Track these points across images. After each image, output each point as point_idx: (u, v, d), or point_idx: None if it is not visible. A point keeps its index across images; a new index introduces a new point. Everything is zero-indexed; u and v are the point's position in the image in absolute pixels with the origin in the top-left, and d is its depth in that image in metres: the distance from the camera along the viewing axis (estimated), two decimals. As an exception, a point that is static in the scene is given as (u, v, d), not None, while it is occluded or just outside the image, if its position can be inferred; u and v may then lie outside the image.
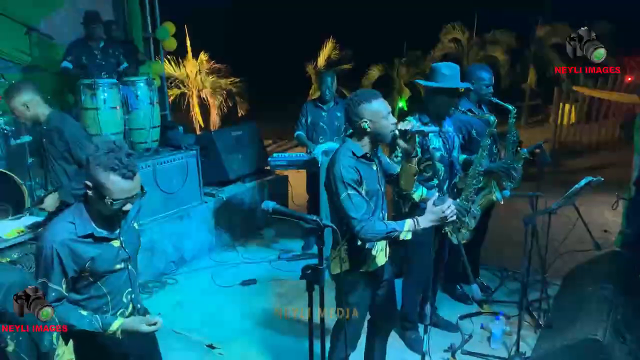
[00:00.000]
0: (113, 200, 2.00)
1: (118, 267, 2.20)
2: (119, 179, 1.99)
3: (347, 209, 2.50)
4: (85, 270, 2.09)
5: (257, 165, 6.16)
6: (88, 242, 2.09)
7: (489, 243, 4.75)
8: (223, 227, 5.62)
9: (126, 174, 2.00)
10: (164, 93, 7.09)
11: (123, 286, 2.24)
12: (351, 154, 2.59)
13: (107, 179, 1.98)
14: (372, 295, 2.86)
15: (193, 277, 4.99)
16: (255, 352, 3.78)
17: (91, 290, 2.15)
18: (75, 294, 2.14)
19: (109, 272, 2.16)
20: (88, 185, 2.03)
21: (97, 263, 2.10)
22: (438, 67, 3.37)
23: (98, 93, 5.01)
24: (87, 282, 2.13)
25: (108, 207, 2.02)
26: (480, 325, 4.01)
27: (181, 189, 5.21)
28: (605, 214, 6.22)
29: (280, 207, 1.87)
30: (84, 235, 2.08)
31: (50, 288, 2.02)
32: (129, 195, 2.05)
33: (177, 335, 4.00)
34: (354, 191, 2.51)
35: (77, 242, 2.06)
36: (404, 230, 2.51)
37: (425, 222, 2.52)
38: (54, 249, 2.02)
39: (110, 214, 2.09)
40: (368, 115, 2.55)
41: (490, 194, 3.70)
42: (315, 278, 1.78)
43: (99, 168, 1.98)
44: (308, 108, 5.33)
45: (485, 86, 3.97)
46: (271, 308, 4.33)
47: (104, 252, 2.13)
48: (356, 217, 2.48)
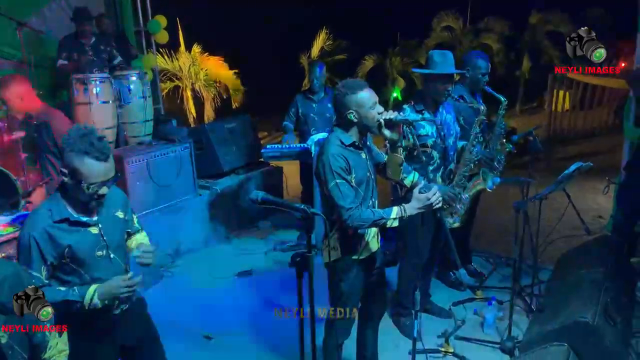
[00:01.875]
0: (89, 184, 2.04)
1: (99, 253, 2.22)
2: (93, 162, 2.03)
3: (335, 197, 2.54)
4: (64, 257, 2.12)
5: (252, 157, 6.17)
6: (64, 227, 2.12)
7: (481, 230, 4.80)
8: (218, 220, 5.64)
9: (100, 156, 2.03)
10: (156, 86, 7.08)
11: (107, 274, 2.22)
12: (339, 142, 2.62)
13: (81, 163, 2.02)
14: (364, 282, 2.90)
15: (189, 269, 5.01)
16: (251, 342, 3.82)
17: (75, 279, 2.18)
18: (60, 283, 2.17)
19: (89, 259, 2.18)
20: (64, 172, 2.07)
21: (75, 249, 2.13)
22: (431, 54, 3.44)
23: (90, 88, 5.02)
24: (69, 269, 2.16)
25: (85, 191, 2.06)
26: (473, 311, 4.06)
27: (175, 182, 5.22)
28: (597, 199, 6.27)
29: (269, 197, 1.89)
30: (60, 220, 2.12)
31: (31, 275, 2.04)
32: (105, 178, 2.08)
33: (173, 326, 4.03)
34: (342, 180, 2.54)
35: (54, 228, 2.10)
36: (390, 217, 2.57)
37: (411, 209, 2.57)
38: (31, 236, 2.06)
39: (87, 199, 2.12)
40: (354, 106, 2.58)
41: (481, 182, 3.73)
42: (305, 265, 1.81)
43: (72, 153, 2.02)
44: (298, 100, 5.34)
45: (482, 74, 3.99)
46: (267, 299, 4.37)
47: (82, 238, 2.16)
48: (344, 206, 2.53)
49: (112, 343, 2.39)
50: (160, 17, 6.96)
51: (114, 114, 5.22)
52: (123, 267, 2.35)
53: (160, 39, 7.14)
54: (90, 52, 5.35)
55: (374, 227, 2.70)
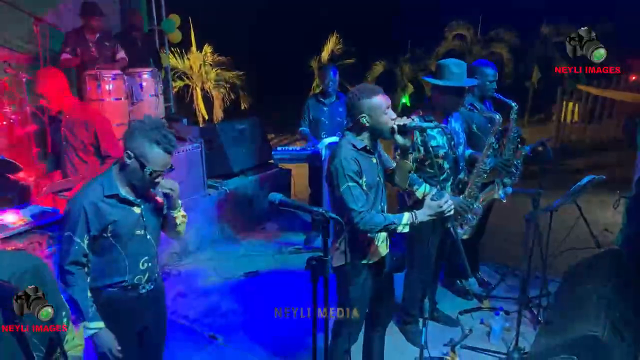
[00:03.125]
0: (153, 171, 2.23)
1: (138, 232, 2.39)
2: (161, 152, 2.24)
3: (347, 200, 2.55)
4: (107, 230, 2.30)
5: (261, 158, 6.17)
6: (112, 203, 2.31)
7: (490, 240, 4.78)
8: (226, 220, 5.65)
9: (168, 148, 2.25)
10: (168, 85, 7.12)
11: (140, 253, 2.42)
12: (352, 146, 2.63)
13: (151, 151, 2.22)
14: (372, 287, 2.90)
15: (196, 268, 5.03)
16: (256, 343, 3.82)
17: (112, 253, 2.35)
18: (95, 255, 2.34)
19: (128, 236, 2.35)
20: (129, 155, 2.25)
21: (118, 225, 2.32)
22: (447, 64, 3.34)
23: (103, 84, 5.04)
24: (107, 242, 2.33)
25: (145, 176, 2.24)
26: (480, 321, 4.05)
27: (185, 181, 5.23)
28: (607, 213, 6.24)
29: (287, 199, 1.90)
30: (109, 195, 2.30)
31: (74, 241, 2.26)
32: (165, 168, 2.29)
33: (179, 325, 4.04)
34: (354, 183, 2.56)
35: (103, 202, 2.29)
36: (402, 223, 2.59)
37: (422, 216, 2.60)
38: (82, 206, 2.26)
39: (145, 183, 2.30)
40: (367, 110, 2.60)
41: (493, 192, 3.72)
42: (320, 269, 1.81)
43: (144, 140, 2.22)
44: (310, 104, 5.34)
45: (489, 82, 4.00)
46: (273, 299, 4.37)
47: (125, 216, 2.34)
48: (356, 209, 2.55)
49: (137, 322, 2.54)
50: (174, 17, 6.99)
51: (125, 111, 5.24)
52: (156, 248, 2.53)
53: (174, 38, 7.18)
54: (93, 48, 5.37)
55: (384, 232, 2.71)
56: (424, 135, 3.29)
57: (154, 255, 2.53)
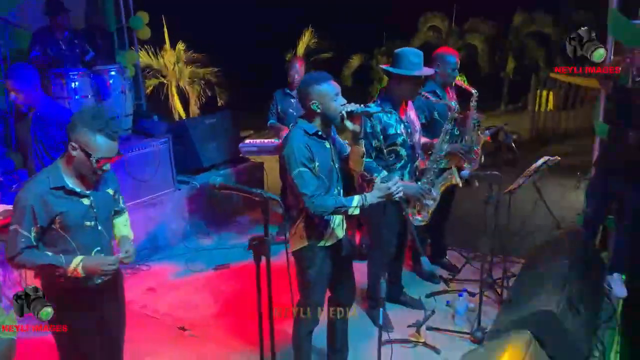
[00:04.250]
0: (98, 159, 2.24)
1: (87, 224, 2.40)
2: (105, 139, 2.25)
3: (298, 185, 2.61)
4: (55, 222, 2.31)
5: (232, 153, 6.18)
6: (59, 195, 2.31)
7: (457, 225, 4.86)
8: (197, 215, 5.66)
9: (112, 135, 2.27)
10: (139, 82, 7.06)
11: (92, 244, 2.43)
12: (303, 132, 2.69)
13: (95, 139, 2.24)
14: (331, 271, 2.95)
15: (166, 263, 5.03)
16: (225, 334, 3.85)
17: (61, 244, 2.35)
18: (46, 247, 2.35)
19: (78, 227, 2.36)
20: (74, 147, 2.26)
21: (66, 216, 2.32)
22: (405, 53, 3.40)
23: (68, 82, 5.01)
24: (57, 234, 2.35)
25: (92, 165, 2.26)
26: (446, 303, 4.12)
27: (154, 177, 5.24)
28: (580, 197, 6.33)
29: (227, 183, 1.93)
30: (56, 187, 2.31)
31: (20, 234, 2.27)
32: (111, 155, 2.30)
33: (149, 318, 4.06)
34: (305, 168, 2.61)
35: (50, 194, 2.29)
36: (352, 205, 2.65)
37: (372, 198, 2.65)
38: (28, 199, 2.27)
39: (92, 172, 2.31)
40: (317, 97, 2.65)
41: (451, 177, 3.78)
42: (262, 249, 1.85)
43: (86, 129, 2.23)
44: (277, 96, 5.36)
45: (451, 69, 4.07)
46: (242, 292, 4.39)
47: (73, 207, 2.35)
48: (306, 193, 2.60)
49: (94, 312, 2.53)
50: (142, 14, 6.93)
51: (92, 109, 5.20)
52: (108, 239, 2.54)
53: (143, 35, 7.11)
54: (63, 46, 5.33)
55: (337, 215, 2.76)
56: (382, 123, 3.36)
57: (107, 246, 2.53)
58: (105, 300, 2.59)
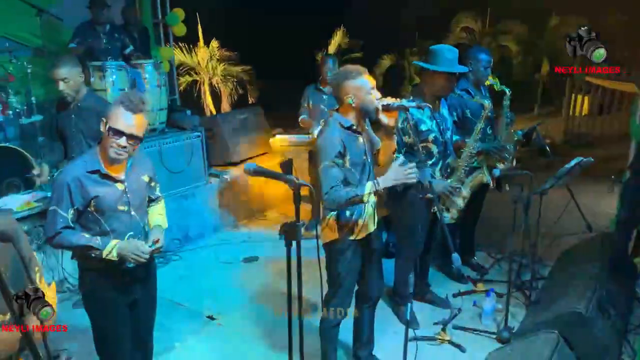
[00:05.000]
0: (113, 129, 2.29)
1: (121, 208, 2.47)
2: (123, 110, 2.30)
3: (322, 179, 2.64)
4: (90, 205, 2.40)
5: (262, 148, 6.26)
6: (94, 178, 2.40)
7: (486, 226, 4.82)
8: (227, 208, 5.76)
9: (130, 106, 2.30)
10: (173, 78, 7.21)
11: (125, 229, 2.49)
12: (339, 125, 2.72)
13: (114, 110, 2.32)
14: (361, 264, 2.97)
15: (197, 253, 5.15)
16: (252, 324, 3.91)
17: (97, 227, 2.44)
18: (83, 229, 2.44)
19: (112, 211, 2.44)
20: (104, 122, 2.34)
21: (100, 200, 2.40)
22: (440, 50, 3.42)
23: (107, 75, 5.16)
24: (93, 217, 2.43)
25: (108, 136, 2.30)
26: (473, 303, 4.10)
27: (186, 169, 5.35)
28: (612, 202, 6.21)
29: (261, 168, 1.98)
30: (92, 171, 2.39)
31: (59, 214, 2.36)
32: (128, 130, 2.31)
33: (179, 307, 4.15)
34: (332, 164, 2.64)
35: (86, 177, 2.38)
36: (365, 192, 2.63)
37: (385, 182, 2.63)
38: (65, 181, 2.36)
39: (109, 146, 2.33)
40: (352, 90, 2.67)
41: (481, 176, 3.77)
42: (292, 234, 1.89)
43: (112, 105, 2.35)
44: (309, 92, 5.41)
45: (484, 68, 4.05)
46: (270, 284, 4.46)
47: (108, 191, 2.42)
48: (324, 190, 2.62)
49: (126, 294, 2.61)
50: (179, 10, 7.08)
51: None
52: (142, 225, 2.59)
53: (178, 31, 7.26)
54: (104, 40, 5.49)
55: (352, 205, 2.73)
56: (414, 119, 3.36)
57: (141, 231, 2.58)
58: (137, 285, 2.66)
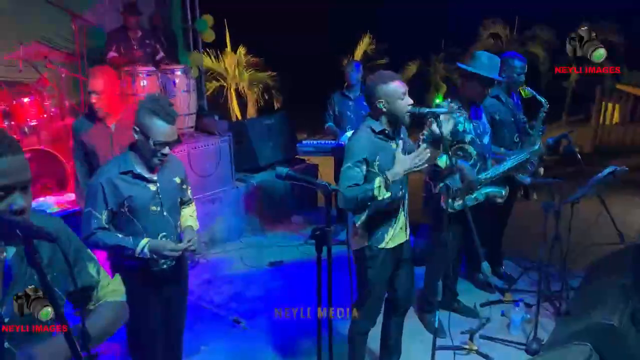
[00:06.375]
0: (155, 141, 2.36)
1: (153, 209, 2.53)
2: (160, 122, 2.37)
3: (340, 179, 2.67)
4: (123, 205, 2.46)
5: (288, 153, 6.27)
6: (127, 179, 2.46)
7: (514, 235, 4.76)
8: (253, 212, 5.79)
9: (167, 118, 2.38)
10: (201, 83, 7.30)
11: (158, 229, 2.55)
12: (370, 130, 2.72)
13: (151, 122, 2.36)
14: (391, 273, 2.96)
15: (223, 257, 5.18)
16: (278, 329, 3.92)
17: (130, 227, 2.50)
18: (117, 230, 2.50)
19: (144, 211, 2.50)
20: (136, 130, 2.39)
21: (133, 200, 2.47)
22: (480, 54, 3.45)
23: (138, 80, 5.25)
24: (126, 218, 2.50)
25: (150, 147, 2.38)
26: (501, 313, 4.05)
27: (214, 173, 5.40)
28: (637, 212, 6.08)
29: (293, 173, 1.99)
30: (125, 172, 2.46)
31: (93, 215, 2.43)
32: (168, 138, 2.41)
33: (205, 310, 4.19)
34: (354, 167, 2.65)
35: (119, 178, 2.45)
36: (374, 187, 2.60)
37: (393, 174, 2.61)
38: (100, 183, 2.44)
39: (151, 155, 2.42)
40: (384, 96, 2.68)
41: (497, 195, 3.63)
42: (324, 239, 1.90)
43: (144, 111, 2.38)
44: (335, 98, 5.42)
45: (517, 74, 4.02)
46: (296, 288, 4.47)
47: (140, 191, 2.49)
48: (341, 188, 2.63)
49: (158, 294, 2.67)
50: (208, 17, 7.17)
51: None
52: (174, 226, 2.65)
53: (207, 37, 7.35)
54: (135, 46, 5.60)
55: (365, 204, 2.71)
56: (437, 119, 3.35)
57: (173, 232, 2.63)
58: (170, 285, 2.72)
